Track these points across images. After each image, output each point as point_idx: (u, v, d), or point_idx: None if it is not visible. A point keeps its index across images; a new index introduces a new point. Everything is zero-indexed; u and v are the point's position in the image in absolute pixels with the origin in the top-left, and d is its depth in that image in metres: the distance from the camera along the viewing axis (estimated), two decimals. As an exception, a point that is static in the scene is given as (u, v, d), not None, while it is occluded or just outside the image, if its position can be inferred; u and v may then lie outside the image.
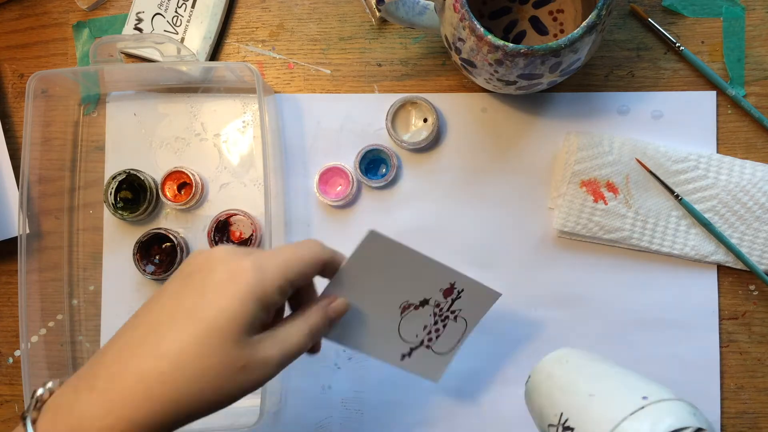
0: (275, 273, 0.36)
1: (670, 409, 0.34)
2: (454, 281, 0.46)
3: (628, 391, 0.36)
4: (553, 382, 0.40)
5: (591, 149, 0.55)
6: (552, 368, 0.42)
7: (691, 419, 0.34)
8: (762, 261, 0.55)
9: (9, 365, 0.60)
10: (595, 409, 0.36)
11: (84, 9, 0.61)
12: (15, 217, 0.58)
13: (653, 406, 0.35)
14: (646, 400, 0.35)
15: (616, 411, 0.35)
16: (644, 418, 0.34)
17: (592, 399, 0.36)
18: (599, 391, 0.37)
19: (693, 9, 0.57)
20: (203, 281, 0.36)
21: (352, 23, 0.59)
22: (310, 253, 0.39)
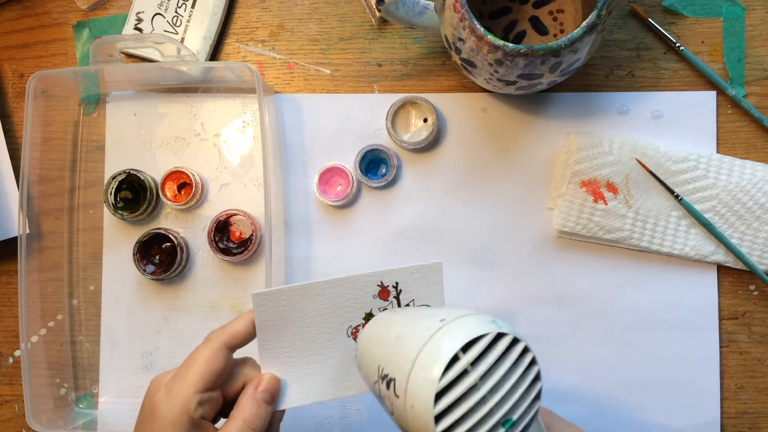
0: (186, 393, 0.39)
1: (467, 323, 0.33)
2: (380, 281, 0.44)
3: (428, 319, 0.35)
4: (371, 341, 0.39)
5: (591, 149, 0.55)
6: (371, 329, 0.41)
7: (490, 326, 0.33)
8: (762, 261, 0.55)
9: (9, 365, 0.60)
10: (402, 347, 0.35)
11: (84, 9, 0.61)
12: (15, 217, 0.58)
13: (451, 324, 0.34)
14: (443, 322, 0.34)
15: (418, 340, 0.34)
16: (442, 338, 0.33)
17: (400, 339, 0.36)
18: (404, 331, 0.36)
19: (693, 9, 0.57)
20: (138, 425, 0.41)
21: (352, 23, 0.59)
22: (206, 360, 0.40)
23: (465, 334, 0.32)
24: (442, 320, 0.34)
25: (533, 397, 0.33)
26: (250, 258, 0.57)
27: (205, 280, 0.58)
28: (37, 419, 0.54)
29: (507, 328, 0.33)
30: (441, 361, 0.31)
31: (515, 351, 0.33)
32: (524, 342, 0.33)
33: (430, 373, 0.32)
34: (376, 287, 0.43)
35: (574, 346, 0.56)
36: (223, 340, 0.41)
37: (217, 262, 0.58)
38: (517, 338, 0.33)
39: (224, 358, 0.40)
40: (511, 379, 0.32)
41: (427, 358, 0.32)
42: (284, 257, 0.58)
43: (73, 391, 0.59)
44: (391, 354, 0.36)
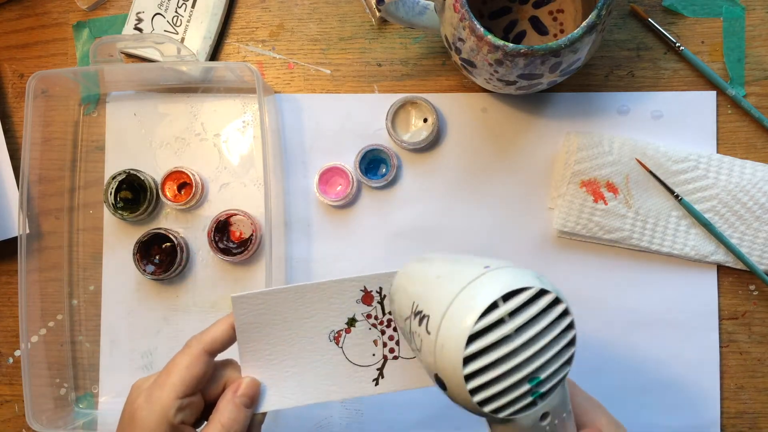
0: (166, 398, 0.39)
1: (511, 273, 0.33)
2: (363, 286, 0.43)
3: (472, 264, 0.35)
4: (409, 278, 0.39)
5: (591, 149, 0.55)
6: (412, 267, 0.40)
7: (534, 281, 0.32)
8: (762, 261, 0.55)
9: (9, 365, 0.60)
10: (441, 287, 0.34)
11: (84, 9, 0.61)
12: (15, 217, 0.58)
13: (495, 271, 0.33)
14: (487, 269, 0.33)
15: (458, 283, 0.33)
16: (484, 283, 0.32)
17: (440, 279, 0.35)
18: (446, 272, 0.35)
19: (693, 9, 0.57)
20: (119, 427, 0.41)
21: (352, 23, 0.59)
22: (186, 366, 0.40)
23: (508, 283, 0.32)
24: (486, 267, 0.34)
25: (564, 361, 0.33)
26: (250, 258, 0.57)
27: (205, 280, 0.58)
28: (37, 419, 0.54)
29: (551, 287, 0.33)
30: (479, 305, 0.31)
31: (555, 311, 0.32)
32: (565, 303, 0.33)
33: (466, 315, 0.31)
34: (359, 292, 0.43)
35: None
36: (202, 345, 0.41)
37: (217, 262, 0.58)
38: (559, 298, 0.33)
39: (204, 364, 0.40)
40: (546, 337, 0.32)
41: (465, 300, 0.32)
42: (284, 257, 0.58)
43: (73, 391, 0.59)
44: (429, 292, 0.35)
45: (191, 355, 0.40)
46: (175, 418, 0.39)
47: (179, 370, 0.40)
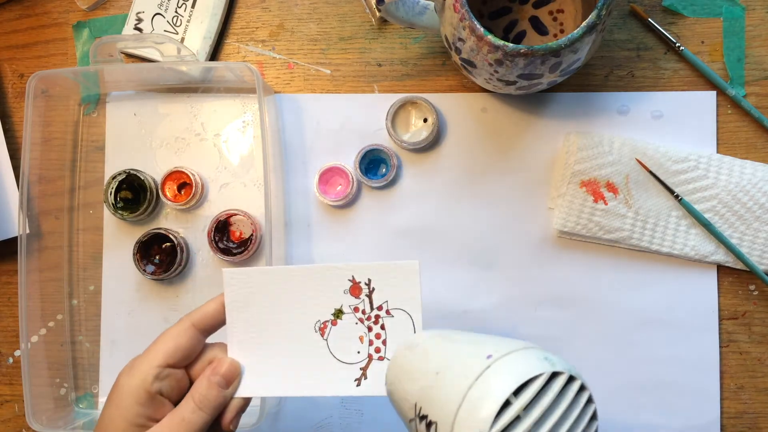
0: (146, 367, 0.40)
1: (518, 361, 0.30)
2: (351, 275, 0.41)
3: (472, 354, 0.32)
4: (405, 373, 0.36)
5: (591, 149, 0.55)
6: (403, 359, 0.37)
7: (543, 365, 0.30)
8: (762, 261, 0.55)
9: (9, 365, 0.60)
10: (443, 386, 0.31)
11: (84, 9, 0.61)
12: (15, 217, 0.58)
13: (499, 362, 0.30)
14: (490, 359, 0.31)
15: (462, 381, 0.30)
16: (491, 379, 0.30)
17: (439, 377, 0.32)
18: (444, 365, 0.33)
19: (693, 9, 0.57)
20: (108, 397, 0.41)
21: (352, 23, 0.59)
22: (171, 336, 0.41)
23: (516, 375, 0.29)
24: (489, 356, 0.31)
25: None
26: (250, 258, 0.57)
27: (205, 280, 0.58)
28: (37, 419, 0.54)
29: (561, 365, 0.31)
30: (491, 407, 0.29)
31: (571, 390, 0.30)
32: (581, 380, 0.31)
33: (479, 422, 0.29)
34: (347, 282, 0.41)
35: (574, 346, 0.56)
36: (191, 319, 0.41)
37: (217, 262, 0.58)
38: (573, 376, 0.31)
39: (189, 337, 0.41)
40: (568, 421, 0.30)
41: (474, 402, 0.30)
42: (284, 257, 0.58)
43: (73, 391, 0.59)
44: (431, 393, 0.32)
45: (177, 328, 0.41)
46: (152, 386, 0.39)
47: (164, 341, 0.41)
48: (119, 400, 0.39)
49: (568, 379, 0.30)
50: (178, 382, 0.41)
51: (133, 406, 0.39)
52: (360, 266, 0.41)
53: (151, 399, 0.39)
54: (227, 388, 0.41)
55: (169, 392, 0.40)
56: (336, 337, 0.42)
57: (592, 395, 0.31)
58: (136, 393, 0.39)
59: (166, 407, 0.40)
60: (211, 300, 0.43)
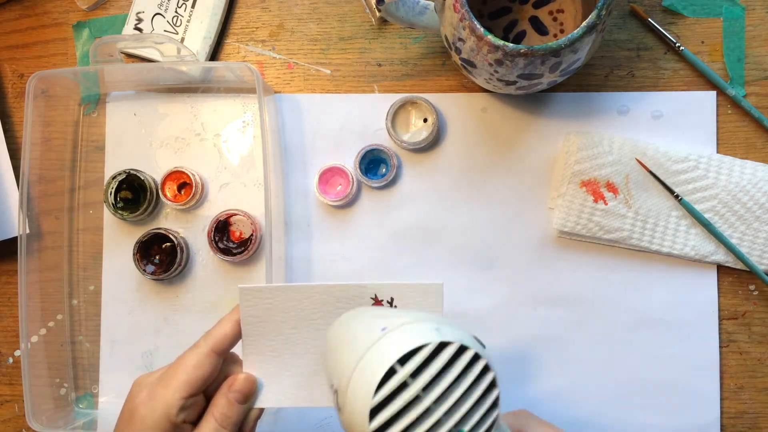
0: (169, 398, 0.39)
1: (408, 331, 0.31)
2: (374, 294, 0.41)
3: (370, 327, 0.33)
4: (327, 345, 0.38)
5: (591, 149, 0.55)
6: (329, 331, 0.39)
7: (431, 335, 0.30)
8: (762, 261, 0.55)
9: (9, 365, 0.60)
10: (343, 358, 0.33)
11: (84, 9, 0.61)
12: (15, 217, 0.58)
13: (392, 333, 0.31)
14: (384, 331, 0.31)
15: (356, 352, 0.31)
16: (379, 349, 0.31)
17: (341, 349, 0.33)
18: (346, 339, 0.34)
19: (693, 9, 0.57)
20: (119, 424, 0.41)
21: (352, 23, 0.59)
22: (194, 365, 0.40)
23: (403, 345, 0.30)
24: (383, 329, 0.32)
25: (489, 406, 0.31)
26: (250, 258, 0.57)
27: (205, 280, 0.58)
28: (37, 419, 0.54)
29: (452, 335, 0.31)
30: (375, 375, 0.30)
31: (463, 359, 0.31)
32: (474, 349, 0.31)
33: (365, 388, 0.30)
34: (369, 300, 0.41)
35: (574, 346, 0.56)
36: (210, 345, 0.41)
37: (217, 262, 0.58)
38: (464, 345, 0.31)
39: (211, 364, 0.40)
40: (459, 388, 0.31)
41: (362, 371, 0.31)
42: (284, 257, 0.58)
43: (73, 391, 0.59)
44: (335, 364, 0.34)
45: (199, 354, 0.40)
46: (178, 417, 0.39)
47: (186, 370, 0.40)
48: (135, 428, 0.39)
49: (460, 349, 0.31)
50: (199, 405, 0.41)
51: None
52: (383, 285, 0.41)
53: (176, 428, 0.39)
54: (246, 402, 0.41)
55: (191, 417, 0.40)
56: None
57: (489, 364, 0.31)
58: (161, 426, 0.39)
59: (187, 431, 0.40)
60: (226, 319, 0.42)
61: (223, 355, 0.41)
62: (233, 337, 0.41)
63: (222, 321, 0.42)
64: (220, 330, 0.41)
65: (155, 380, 0.40)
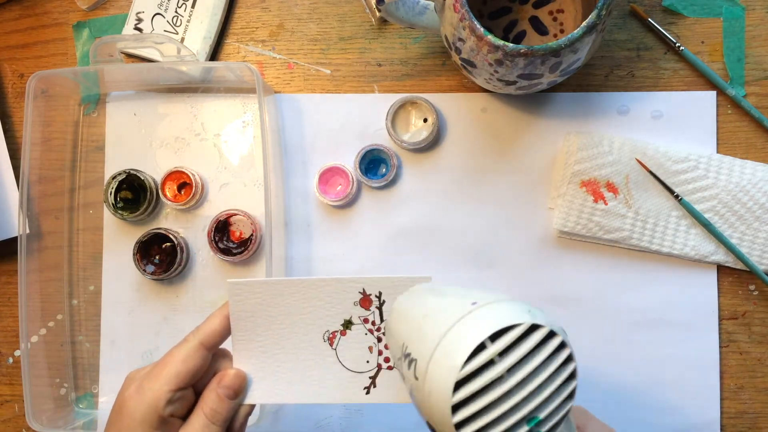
0: (157, 390, 0.39)
1: (501, 309, 0.31)
2: (362, 288, 0.41)
3: (459, 300, 0.32)
4: (399, 316, 0.37)
5: (591, 149, 0.55)
6: (401, 303, 0.38)
7: (524, 316, 0.30)
8: (762, 261, 0.55)
9: (9, 365, 0.60)
10: (427, 327, 0.32)
11: (84, 9, 0.61)
12: (15, 217, 0.58)
13: (482, 309, 0.31)
14: (474, 306, 0.31)
15: (445, 323, 0.31)
16: (470, 323, 0.30)
17: (426, 319, 0.33)
18: (432, 310, 0.33)
19: (693, 9, 0.57)
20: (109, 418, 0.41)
21: (352, 23, 0.59)
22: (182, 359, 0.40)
23: (495, 321, 0.30)
24: (474, 303, 0.31)
25: (566, 396, 0.31)
26: (250, 258, 0.57)
27: (205, 280, 0.59)
28: (37, 419, 0.54)
29: (543, 319, 0.31)
30: (465, 348, 0.29)
31: (550, 345, 0.31)
32: (561, 336, 0.31)
33: (452, 360, 0.29)
34: (357, 294, 0.41)
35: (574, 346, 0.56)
36: (199, 338, 0.41)
37: (217, 262, 0.58)
38: (554, 331, 0.31)
39: (200, 358, 0.40)
40: (542, 374, 0.30)
41: (451, 342, 0.30)
42: (284, 257, 0.58)
43: (73, 391, 0.59)
44: (416, 333, 0.33)
45: (188, 348, 0.40)
46: (165, 410, 0.39)
47: (174, 363, 0.40)
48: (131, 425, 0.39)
49: (549, 335, 0.31)
50: (187, 399, 0.41)
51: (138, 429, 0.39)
52: (371, 279, 0.41)
53: (163, 422, 0.39)
54: (236, 398, 0.41)
55: (180, 411, 0.40)
56: (345, 347, 0.42)
57: (573, 354, 0.31)
58: (149, 419, 0.39)
59: (176, 426, 0.40)
60: (215, 315, 0.42)
61: (212, 350, 0.41)
62: (222, 332, 0.41)
63: (211, 316, 0.42)
64: (209, 325, 0.41)
65: (145, 374, 0.40)
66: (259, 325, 0.41)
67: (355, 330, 0.42)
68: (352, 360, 0.42)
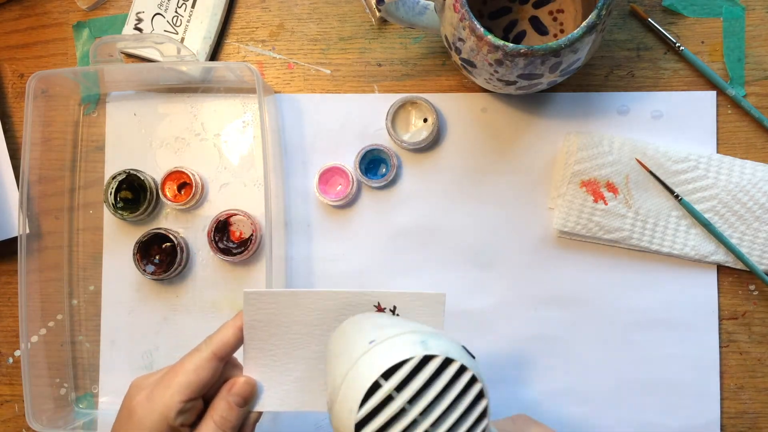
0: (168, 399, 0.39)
1: (394, 344, 0.31)
2: (377, 302, 0.42)
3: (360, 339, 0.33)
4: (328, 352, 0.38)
5: (591, 149, 0.55)
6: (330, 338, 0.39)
7: (416, 348, 0.31)
8: (762, 261, 0.55)
9: (9, 365, 0.60)
10: (335, 368, 0.33)
11: (84, 9, 0.61)
12: (15, 217, 0.58)
13: (379, 346, 0.31)
14: (372, 344, 0.32)
15: (345, 364, 0.32)
16: (366, 363, 0.31)
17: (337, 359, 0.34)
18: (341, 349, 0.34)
19: (693, 9, 0.57)
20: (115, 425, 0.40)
21: (352, 23, 0.59)
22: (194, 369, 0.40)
23: (387, 359, 0.30)
24: (371, 342, 0.32)
25: (477, 417, 0.31)
26: (250, 258, 0.57)
27: (205, 280, 0.58)
28: (37, 419, 0.54)
29: (438, 348, 0.31)
30: (361, 389, 0.30)
31: (448, 372, 0.31)
32: (459, 362, 0.31)
33: (351, 402, 0.30)
34: (372, 308, 0.42)
35: (574, 346, 0.56)
36: (212, 348, 0.40)
37: (217, 262, 0.58)
38: (449, 358, 0.31)
39: (212, 368, 0.40)
40: (446, 400, 0.31)
41: (350, 384, 0.31)
42: (284, 257, 0.58)
43: (73, 391, 0.59)
44: (330, 373, 0.34)
45: (200, 359, 0.40)
46: (176, 420, 0.39)
47: (186, 373, 0.39)
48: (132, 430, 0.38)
49: (445, 361, 0.31)
50: (197, 409, 0.41)
51: None
52: (387, 293, 0.42)
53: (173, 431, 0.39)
54: (245, 406, 0.41)
55: (189, 420, 0.40)
56: None
57: (476, 375, 0.32)
58: (159, 428, 0.38)
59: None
60: (228, 325, 0.42)
61: (224, 360, 0.41)
62: (235, 343, 0.41)
63: (224, 326, 0.42)
64: (222, 335, 0.41)
65: (154, 382, 0.40)
66: (272, 334, 0.41)
67: None
68: None
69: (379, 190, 0.58)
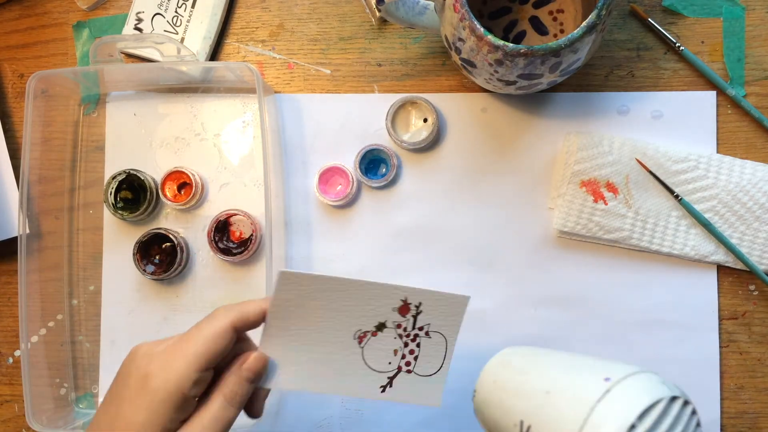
0: (184, 369, 0.37)
1: (638, 385, 0.31)
2: (405, 297, 0.43)
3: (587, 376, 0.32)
4: (502, 388, 0.37)
5: (591, 149, 0.55)
6: (497, 375, 0.38)
7: (662, 389, 0.31)
8: (762, 261, 0.55)
9: (9, 365, 0.60)
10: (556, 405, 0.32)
11: (84, 9, 0.61)
12: (15, 217, 0.58)
13: (619, 385, 0.31)
14: (609, 382, 0.32)
15: (580, 402, 0.31)
16: (614, 402, 0.30)
17: (550, 396, 0.33)
18: (554, 385, 0.33)
19: (693, 9, 0.57)
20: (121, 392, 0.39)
21: (352, 23, 0.59)
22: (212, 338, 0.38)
23: (639, 399, 0.30)
24: (607, 379, 0.32)
25: None
26: (250, 258, 0.57)
27: (205, 280, 0.59)
28: (37, 419, 0.54)
29: (677, 390, 0.32)
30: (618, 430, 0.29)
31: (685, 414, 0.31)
32: (692, 404, 0.32)
33: None
34: (399, 301, 0.43)
35: (574, 346, 0.56)
36: (231, 319, 0.39)
37: (217, 262, 0.58)
38: (687, 401, 0.32)
39: (230, 340, 0.39)
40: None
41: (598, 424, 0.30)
42: (284, 257, 0.58)
43: (73, 391, 0.59)
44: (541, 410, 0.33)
45: (218, 327, 0.39)
46: (191, 391, 0.37)
47: (205, 341, 0.38)
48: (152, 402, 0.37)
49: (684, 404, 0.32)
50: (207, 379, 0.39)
51: (169, 412, 0.37)
52: (415, 290, 0.43)
53: (186, 402, 0.38)
54: (255, 381, 0.40)
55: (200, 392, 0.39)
56: (372, 347, 0.43)
57: (699, 419, 0.32)
58: (174, 399, 0.37)
59: (192, 405, 0.39)
60: (252, 301, 0.41)
61: (240, 333, 0.40)
62: (255, 322, 0.40)
63: (249, 301, 0.41)
64: (244, 308, 0.40)
65: (166, 350, 0.38)
66: (297, 315, 0.42)
67: (387, 333, 0.43)
68: (375, 360, 0.44)
69: (379, 190, 0.58)
